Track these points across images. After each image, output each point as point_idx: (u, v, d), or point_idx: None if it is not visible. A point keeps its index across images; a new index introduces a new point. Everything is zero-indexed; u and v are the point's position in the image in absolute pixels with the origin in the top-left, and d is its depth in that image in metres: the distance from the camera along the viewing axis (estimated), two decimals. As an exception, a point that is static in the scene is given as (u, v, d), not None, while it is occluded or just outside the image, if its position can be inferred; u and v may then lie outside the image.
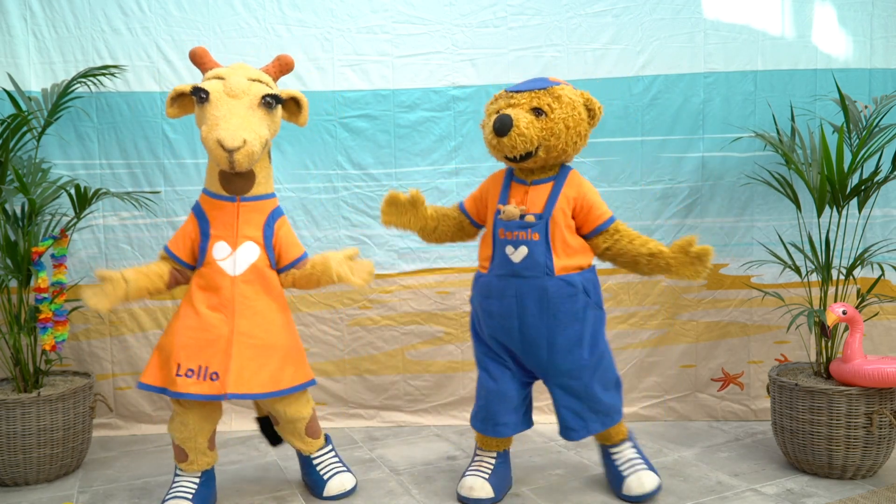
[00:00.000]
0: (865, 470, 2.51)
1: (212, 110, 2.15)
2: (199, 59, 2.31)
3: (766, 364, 3.16)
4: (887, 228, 3.10)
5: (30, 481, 2.59)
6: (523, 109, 2.18)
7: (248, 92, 2.19)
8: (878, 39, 3.08)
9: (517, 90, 2.23)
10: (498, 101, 2.27)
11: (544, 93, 2.19)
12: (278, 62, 2.35)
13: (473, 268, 3.17)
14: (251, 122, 2.15)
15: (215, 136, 2.08)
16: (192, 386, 2.13)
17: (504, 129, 2.14)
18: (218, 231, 2.27)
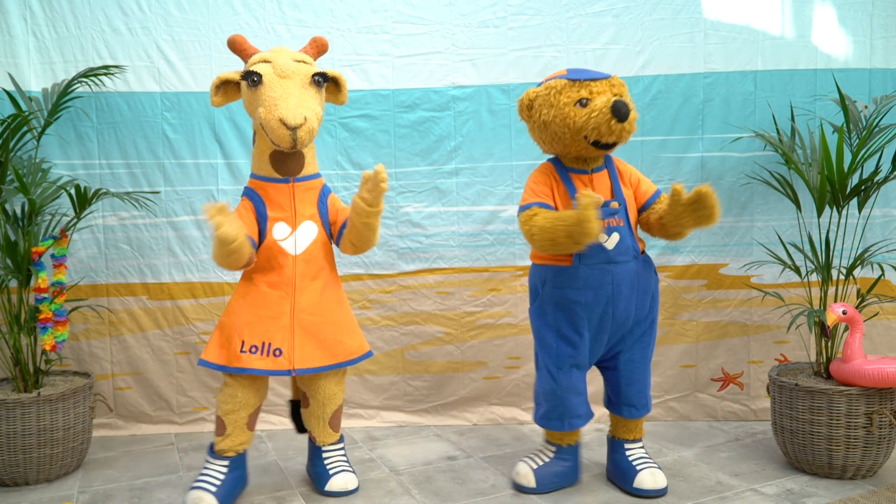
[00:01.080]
0: (865, 470, 2.51)
1: (267, 92, 2.19)
2: (238, 45, 2.35)
3: (766, 364, 3.16)
4: (887, 228, 3.10)
5: (30, 481, 2.60)
6: (608, 94, 2.22)
7: (298, 72, 2.24)
8: (878, 39, 3.08)
9: (592, 78, 2.25)
10: (577, 90, 2.24)
11: (615, 80, 2.27)
12: (315, 43, 2.43)
13: (473, 268, 3.20)
14: (307, 100, 2.21)
15: (277, 115, 2.13)
16: (255, 361, 2.24)
17: (626, 115, 2.16)
18: (276, 213, 2.33)
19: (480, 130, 3.17)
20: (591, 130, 2.21)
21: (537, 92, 2.31)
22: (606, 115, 2.16)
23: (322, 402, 2.42)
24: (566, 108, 2.23)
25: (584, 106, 2.21)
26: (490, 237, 3.20)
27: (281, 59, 2.25)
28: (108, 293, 3.12)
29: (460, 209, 3.19)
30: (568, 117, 2.23)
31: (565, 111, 2.23)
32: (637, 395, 2.44)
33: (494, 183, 3.18)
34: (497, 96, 3.15)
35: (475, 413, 3.23)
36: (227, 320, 2.31)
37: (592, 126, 2.20)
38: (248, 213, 2.33)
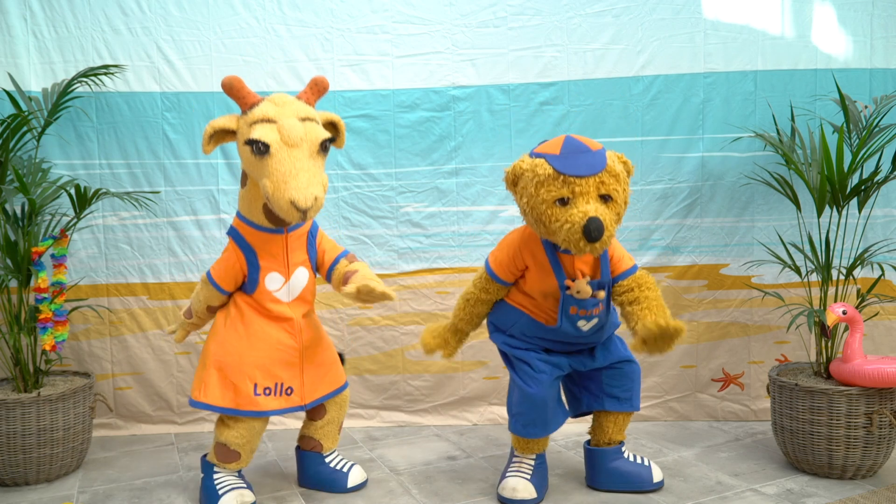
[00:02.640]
0: (865, 470, 2.51)
1: (275, 165, 2.04)
2: (235, 91, 2.15)
3: (767, 364, 3.16)
4: (887, 228, 3.10)
5: (30, 481, 2.60)
6: (592, 198, 2.03)
7: (306, 138, 2.09)
8: (878, 39, 3.08)
9: (578, 174, 2.03)
10: (559, 186, 2.04)
11: (606, 174, 2.05)
12: (315, 87, 2.27)
13: (473, 268, 3.20)
14: (316, 174, 2.08)
15: (288, 198, 2.01)
16: (272, 402, 2.27)
17: (597, 238, 1.99)
18: (268, 262, 2.28)
19: (480, 130, 3.16)
20: (561, 241, 2.06)
21: (524, 169, 2.13)
22: (577, 233, 2.00)
23: (339, 405, 2.49)
24: (544, 205, 2.06)
25: (563, 205, 2.04)
26: (490, 237, 3.20)
27: (287, 120, 2.09)
28: (109, 293, 3.12)
29: (460, 209, 3.19)
30: (544, 215, 2.07)
31: (542, 208, 2.07)
32: (634, 387, 2.43)
33: (494, 183, 3.18)
34: (497, 96, 3.15)
35: (475, 413, 3.23)
36: (228, 361, 2.26)
37: (563, 238, 2.05)
38: (235, 264, 2.28)
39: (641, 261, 3.16)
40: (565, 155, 2.07)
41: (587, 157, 2.07)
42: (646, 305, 2.24)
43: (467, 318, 2.45)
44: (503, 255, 2.33)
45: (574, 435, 2.98)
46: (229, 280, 2.30)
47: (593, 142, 2.14)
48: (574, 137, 2.13)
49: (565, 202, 2.04)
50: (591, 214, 1.99)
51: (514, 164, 2.16)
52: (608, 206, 2.06)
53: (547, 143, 2.17)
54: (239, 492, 2.30)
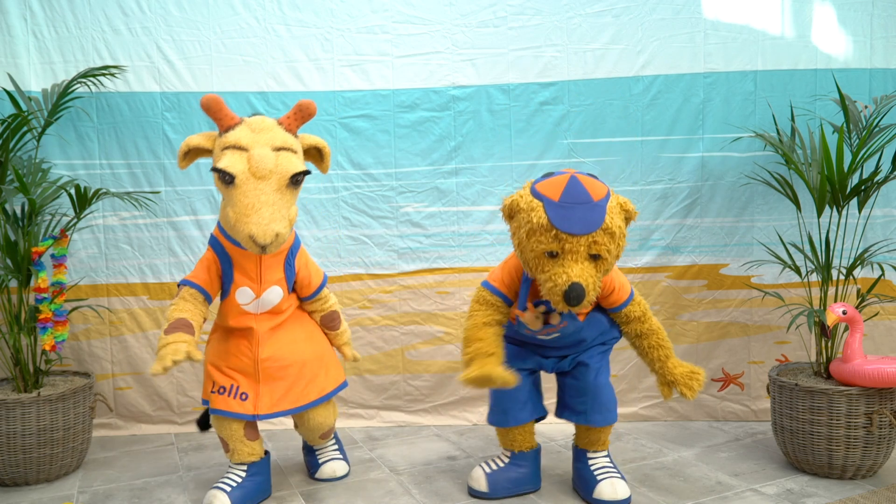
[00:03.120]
0: (865, 470, 2.51)
1: (238, 196, 2.01)
2: (213, 112, 2.10)
3: (767, 364, 3.16)
4: (887, 228, 3.10)
5: (30, 481, 2.60)
6: (582, 258, 1.98)
7: (276, 170, 2.04)
8: (878, 39, 3.08)
9: (570, 232, 1.96)
10: (548, 240, 1.98)
11: (600, 233, 1.97)
12: (300, 112, 2.18)
13: (473, 268, 3.20)
14: (281, 208, 2.03)
15: (247, 232, 1.99)
16: (222, 402, 2.28)
17: (578, 303, 1.97)
18: (241, 276, 2.26)
19: (480, 130, 3.17)
20: (543, 294, 2.05)
21: (521, 208, 2.05)
22: (558, 295, 1.98)
23: (311, 429, 2.45)
24: (532, 253, 2.02)
25: (551, 257, 1.99)
26: (490, 237, 3.20)
27: (259, 150, 2.04)
28: (109, 293, 3.12)
29: (460, 209, 3.19)
30: (531, 262, 2.05)
31: (530, 256, 2.03)
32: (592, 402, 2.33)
33: (494, 183, 3.18)
34: (497, 96, 3.15)
35: (475, 413, 3.23)
36: (206, 359, 2.38)
37: (545, 293, 2.03)
38: (211, 269, 2.26)
39: (641, 261, 3.17)
40: (563, 205, 1.98)
41: (585, 212, 1.97)
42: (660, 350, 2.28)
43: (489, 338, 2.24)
44: (507, 276, 2.27)
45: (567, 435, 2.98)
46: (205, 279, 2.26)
47: (598, 187, 2.03)
48: (579, 181, 2.02)
49: (554, 255, 1.99)
50: (573, 279, 1.94)
51: (513, 198, 2.08)
52: (596, 265, 2.00)
53: (550, 182, 2.05)
54: (214, 493, 2.29)
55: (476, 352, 2.15)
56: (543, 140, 3.16)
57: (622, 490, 2.31)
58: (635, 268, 3.17)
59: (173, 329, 2.13)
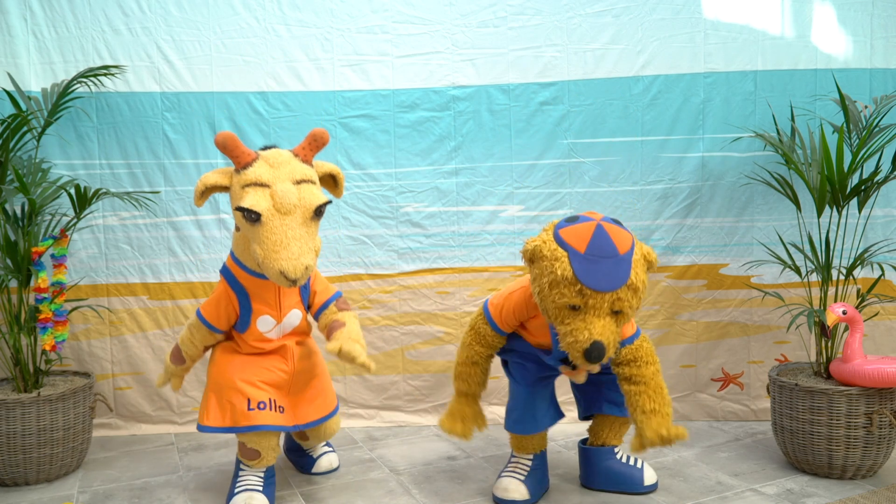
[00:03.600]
0: (865, 470, 2.51)
1: (266, 234, 2.01)
2: (229, 150, 2.07)
3: (766, 364, 3.16)
4: (887, 228, 3.10)
5: (30, 481, 2.59)
6: (604, 313, 1.93)
7: (300, 205, 2.05)
8: (878, 39, 3.08)
9: (596, 289, 1.90)
10: (571, 294, 1.93)
11: (625, 289, 1.92)
12: (314, 142, 2.16)
13: (473, 268, 3.20)
14: (308, 241, 2.06)
15: (278, 268, 2.00)
16: (267, 417, 2.24)
17: (598, 360, 1.94)
18: (260, 305, 2.28)
19: (480, 130, 3.17)
20: (562, 346, 2.01)
21: (543, 255, 1.98)
22: (578, 351, 1.94)
23: (326, 435, 2.52)
24: (554, 305, 1.97)
25: (573, 310, 1.94)
26: (490, 237, 3.20)
27: (281, 185, 2.04)
28: (109, 293, 3.12)
29: (460, 209, 3.19)
30: (551, 312, 2.00)
31: (551, 307, 1.98)
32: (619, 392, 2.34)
33: (494, 183, 3.18)
34: (497, 96, 3.15)
35: (475, 413, 3.23)
36: (223, 382, 2.28)
37: (564, 346, 1.99)
38: (228, 305, 2.28)
39: (641, 261, 3.17)
40: (590, 258, 1.92)
41: (612, 267, 1.92)
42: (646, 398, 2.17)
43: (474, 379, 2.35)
44: (508, 314, 2.25)
45: (574, 435, 2.98)
46: (222, 319, 2.30)
47: (623, 238, 1.97)
48: (605, 232, 1.95)
49: (576, 308, 1.94)
50: (595, 338, 1.91)
51: (536, 244, 2.00)
52: (616, 320, 1.97)
53: (576, 230, 1.97)
54: (249, 494, 2.28)
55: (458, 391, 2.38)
56: (543, 140, 3.16)
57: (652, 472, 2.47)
58: (635, 268, 3.17)
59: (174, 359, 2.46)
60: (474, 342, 2.33)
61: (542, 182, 3.17)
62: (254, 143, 3.11)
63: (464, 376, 2.35)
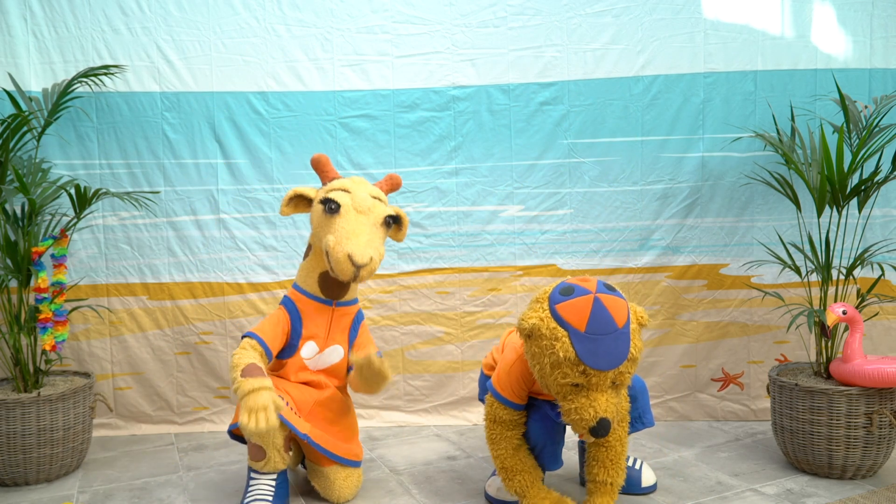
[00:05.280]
0: (865, 470, 2.51)
1: (341, 223, 2.22)
2: (321, 167, 2.37)
3: (766, 364, 3.16)
4: (887, 228, 3.10)
5: (30, 481, 2.60)
6: (606, 387, 1.93)
7: (373, 210, 2.28)
8: (878, 39, 3.08)
9: (599, 368, 1.89)
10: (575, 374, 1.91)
11: (626, 364, 1.93)
12: (390, 182, 2.48)
13: (473, 268, 3.20)
14: (375, 239, 2.25)
15: (347, 250, 2.16)
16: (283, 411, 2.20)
17: (605, 434, 1.94)
18: (310, 332, 2.37)
19: (480, 130, 3.17)
20: (566, 421, 1.99)
21: (542, 334, 1.94)
22: (584, 429, 1.94)
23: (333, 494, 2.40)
24: (556, 384, 1.95)
25: (575, 387, 1.93)
26: (490, 237, 3.20)
27: (360, 192, 2.29)
28: (108, 293, 3.12)
29: (460, 209, 3.20)
30: (552, 389, 1.98)
31: (553, 385, 1.97)
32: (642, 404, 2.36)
33: (494, 183, 3.18)
34: (497, 96, 3.15)
35: (475, 413, 3.23)
36: None
37: (568, 421, 1.98)
38: (281, 326, 2.33)
39: (641, 261, 3.17)
40: (591, 336, 1.89)
41: (612, 345, 1.90)
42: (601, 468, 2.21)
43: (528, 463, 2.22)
44: (517, 386, 2.20)
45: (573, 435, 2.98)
46: (277, 340, 2.30)
47: (620, 309, 1.94)
48: (603, 305, 1.92)
49: (578, 385, 1.93)
50: (601, 415, 1.91)
51: (533, 322, 1.96)
52: (617, 391, 1.99)
53: (573, 306, 1.93)
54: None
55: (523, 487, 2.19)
56: (543, 140, 3.16)
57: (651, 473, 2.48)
58: (635, 268, 3.17)
59: (250, 373, 2.09)
60: (504, 430, 2.21)
61: (542, 182, 3.17)
62: (254, 143, 3.11)
63: (517, 469, 2.19)
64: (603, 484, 2.22)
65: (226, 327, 3.16)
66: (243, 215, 3.15)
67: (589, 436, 1.95)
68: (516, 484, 2.19)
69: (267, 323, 2.33)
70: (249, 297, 3.16)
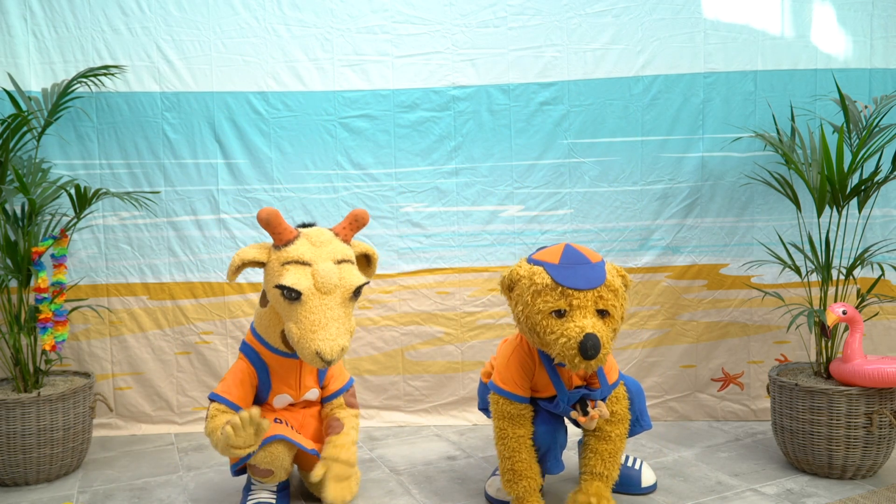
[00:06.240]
0: (865, 470, 2.51)
1: (304, 313, 1.98)
2: (272, 227, 2.05)
3: (766, 364, 3.16)
4: (887, 228, 3.10)
5: (30, 481, 2.60)
6: (591, 313, 1.96)
7: (340, 284, 2.02)
8: (878, 39, 3.08)
9: (576, 287, 1.96)
10: (555, 298, 1.96)
11: (604, 289, 1.97)
12: (355, 222, 2.19)
13: (473, 268, 3.20)
14: (345, 323, 2.02)
15: (314, 349, 1.96)
16: (282, 429, 2.18)
17: (594, 356, 1.91)
18: (280, 385, 2.26)
19: (480, 130, 3.17)
20: (556, 354, 1.98)
21: (521, 276, 2.05)
22: (573, 348, 1.92)
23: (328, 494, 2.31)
24: (539, 315, 1.98)
25: (559, 317, 1.96)
26: (490, 237, 3.20)
27: (322, 265, 2.02)
28: (109, 293, 3.12)
29: (460, 209, 3.20)
30: (539, 325, 2.00)
31: (537, 318, 1.99)
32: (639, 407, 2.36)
33: (494, 183, 3.18)
34: (497, 96, 3.15)
35: (475, 413, 3.23)
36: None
37: (558, 352, 1.97)
38: (245, 382, 2.20)
39: (641, 261, 3.17)
40: (564, 265, 2.01)
41: (586, 270, 2.00)
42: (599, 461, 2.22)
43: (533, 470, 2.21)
44: (515, 372, 2.21)
45: (574, 435, 2.98)
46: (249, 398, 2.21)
47: (593, 253, 2.07)
48: (574, 247, 2.06)
49: (562, 314, 1.97)
50: (587, 330, 1.91)
51: (512, 270, 2.08)
52: (605, 322, 1.99)
53: (546, 251, 2.09)
54: None
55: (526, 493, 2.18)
56: (543, 140, 3.16)
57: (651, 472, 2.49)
58: (635, 268, 3.17)
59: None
60: (514, 428, 2.20)
61: (542, 182, 3.17)
62: (254, 143, 3.11)
63: (525, 474, 2.18)
64: (599, 476, 2.23)
65: (226, 327, 3.16)
66: (243, 215, 3.15)
67: (581, 359, 1.91)
68: (519, 488, 2.18)
69: (231, 381, 2.19)
70: (249, 297, 3.17)
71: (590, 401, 2.17)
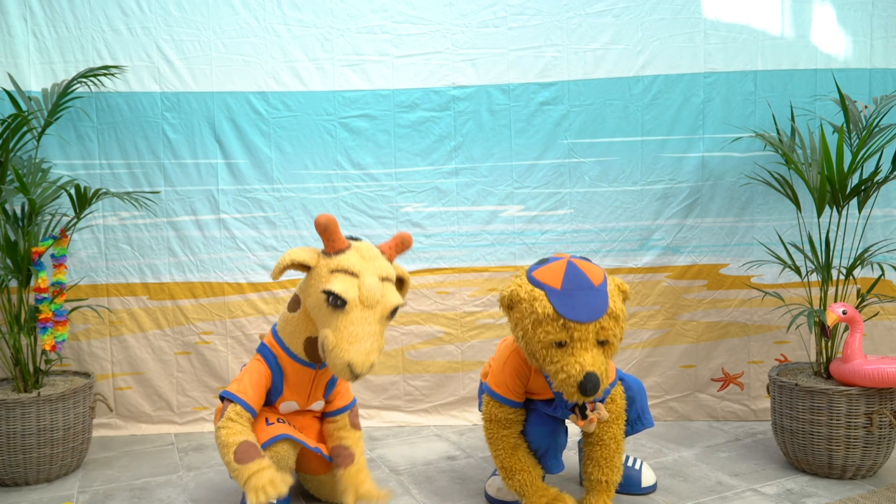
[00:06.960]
0: (865, 470, 2.51)
1: (344, 321, 1.97)
2: (329, 234, 2.03)
3: (766, 364, 3.16)
4: (887, 228, 3.10)
5: (30, 481, 2.60)
6: (591, 345, 1.93)
7: (381, 301, 2.01)
8: (878, 39, 3.08)
9: (578, 320, 1.92)
10: (556, 330, 1.93)
11: (606, 318, 1.94)
12: (401, 244, 2.19)
13: (473, 268, 3.20)
14: (379, 338, 2.01)
15: (347, 359, 1.93)
16: (285, 429, 2.19)
17: (592, 392, 1.91)
18: (291, 392, 2.25)
19: (480, 130, 3.17)
20: (555, 386, 1.97)
21: (521, 298, 2.01)
22: (573, 386, 1.91)
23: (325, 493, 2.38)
24: (540, 344, 1.97)
25: (560, 347, 1.94)
26: (490, 237, 3.20)
27: (369, 278, 2.01)
28: (108, 293, 3.12)
29: (460, 209, 3.20)
30: (539, 353, 1.98)
31: (537, 346, 1.97)
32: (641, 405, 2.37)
33: (494, 183, 3.18)
34: (497, 96, 3.15)
35: (475, 413, 3.23)
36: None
37: (557, 385, 1.96)
38: (261, 385, 2.18)
39: (641, 261, 3.17)
40: (567, 292, 1.95)
41: (589, 298, 1.95)
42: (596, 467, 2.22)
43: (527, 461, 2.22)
44: (512, 381, 2.21)
45: (574, 435, 2.98)
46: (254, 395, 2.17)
47: (595, 271, 2.01)
48: (577, 266, 2.00)
49: (562, 345, 1.94)
50: (587, 369, 1.89)
51: (512, 290, 2.04)
52: (604, 351, 1.97)
53: (547, 269, 2.02)
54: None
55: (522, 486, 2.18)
56: (543, 140, 3.16)
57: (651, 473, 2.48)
58: (635, 268, 3.18)
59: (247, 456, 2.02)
60: (501, 429, 2.22)
61: (542, 182, 3.17)
62: (254, 143, 3.11)
63: (516, 468, 2.20)
64: (598, 482, 2.22)
65: (226, 327, 3.16)
66: (243, 215, 3.15)
67: (580, 396, 1.91)
68: (516, 483, 2.19)
69: (248, 382, 2.17)
70: (249, 296, 3.17)
71: (588, 403, 2.16)
